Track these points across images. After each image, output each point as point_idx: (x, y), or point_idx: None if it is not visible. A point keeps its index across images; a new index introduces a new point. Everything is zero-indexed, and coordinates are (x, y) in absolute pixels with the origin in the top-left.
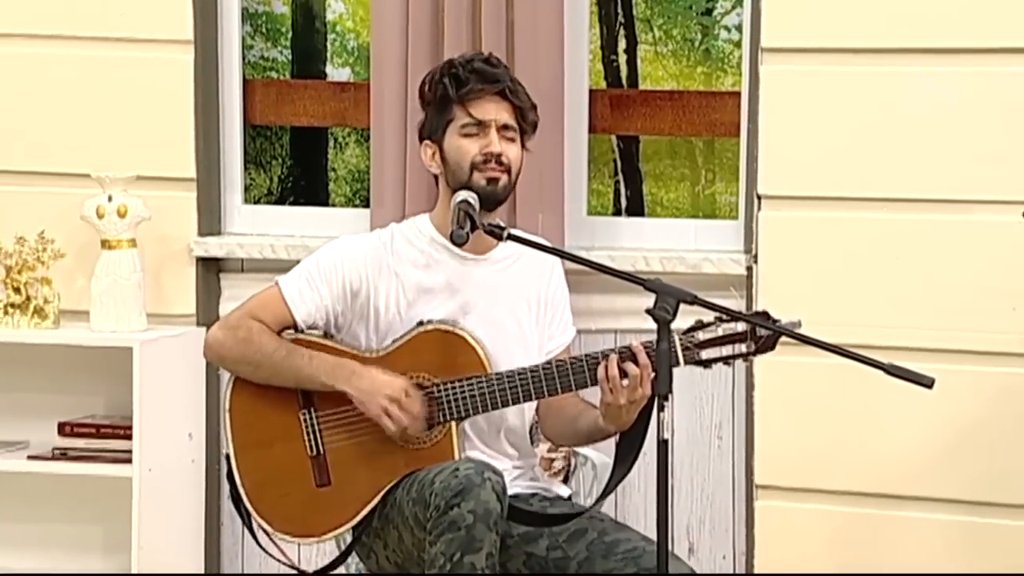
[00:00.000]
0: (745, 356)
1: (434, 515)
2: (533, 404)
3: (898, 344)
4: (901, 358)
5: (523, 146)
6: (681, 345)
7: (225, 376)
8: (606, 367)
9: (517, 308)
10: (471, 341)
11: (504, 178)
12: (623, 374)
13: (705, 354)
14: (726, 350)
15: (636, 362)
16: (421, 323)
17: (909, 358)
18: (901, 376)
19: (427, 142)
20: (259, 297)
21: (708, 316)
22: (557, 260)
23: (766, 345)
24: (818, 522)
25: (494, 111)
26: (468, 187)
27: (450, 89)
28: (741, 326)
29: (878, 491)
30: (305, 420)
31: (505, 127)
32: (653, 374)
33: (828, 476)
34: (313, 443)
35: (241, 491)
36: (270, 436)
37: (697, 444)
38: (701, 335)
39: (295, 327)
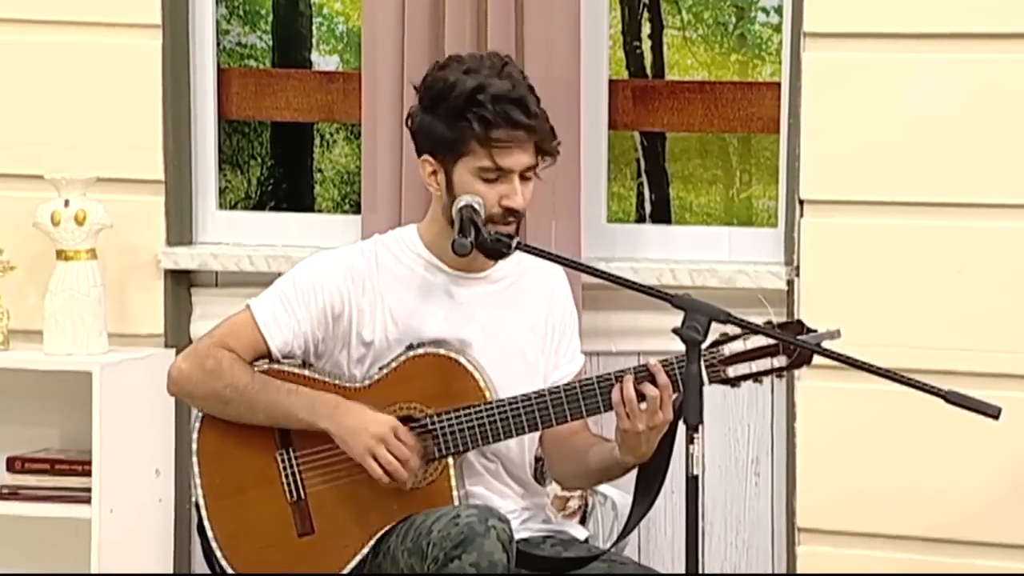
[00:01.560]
0: (778, 372)
1: (432, 568)
2: (536, 436)
3: (960, 368)
4: (963, 385)
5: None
6: (705, 362)
7: (195, 409)
8: (621, 389)
9: (520, 333)
10: (468, 366)
11: (516, 227)
12: (640, 396)
13: (732, 371)
14: (756, 366)
15: (655, 382)
16: (411, 347)
17: (972, 385)
18: (963, 405)
19: (428, 158)
20: (229, 323)
21: (735, 330)
22: (563, 280)
23: (801, 358)
24: (868, 571)
25: (520, 157)
26: (480, 237)
27: (474, 125)
28: (774, 339)
29: (937, 536)
30: (283, 462)
31: (527, 169)
32: (675, 395)
33: (880, 519)
34: (293, 487)
35: (213, 543)
36: (244, 480)
37: (731, 481)
38: (727, 350)
39: (270, 356)
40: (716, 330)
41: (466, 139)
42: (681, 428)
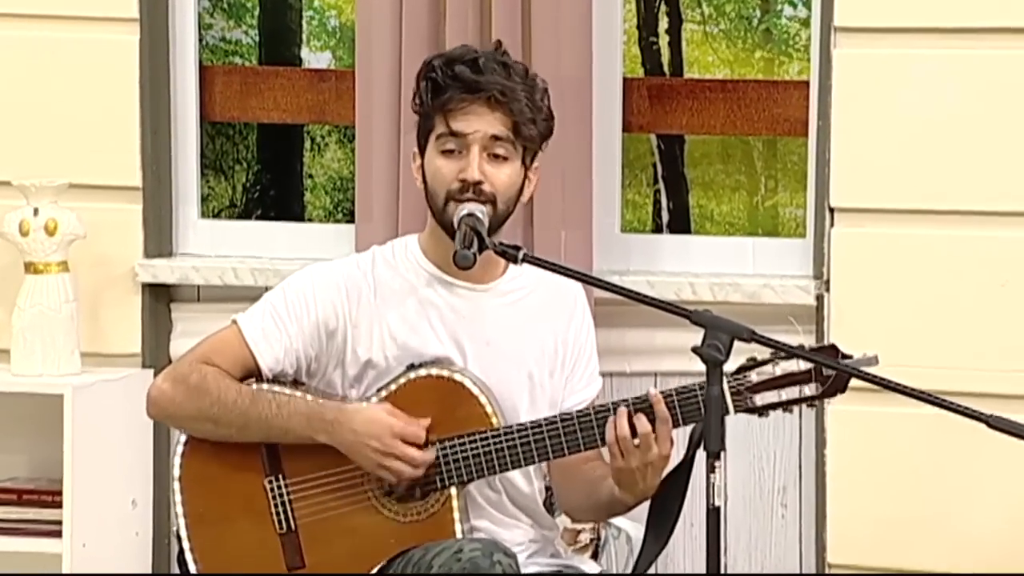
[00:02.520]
0: (810, 401)
1: None
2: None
3: (1004, 391)
4: (1008, 409)
5: (526, 164)
6: (731, 389)
7: (176, 433)
8: (614, 426)
9: (528, 353)
10: (473, 389)
11: (493, 210)
12: (634, 431)
13: (760, 399)
14: (786, 394)
15: (652, 416)
16: (411, 367)
17: (1017, 409)
18: (1007, 431)
19: (415, 151)
20: (214, 339)
21: (765, 353)
22: (582, 294)
23: (835, 387)
24: None
25: (477, 122)
26: (443, 221)
27: (428, 93)
28: (803, 364)
29: (978, 572)
30: (272, 489)
31: (495, 139)
32: (695, 425)
33: (916, 554)
34: (282, 517)
35: None
36: (230, 509)
37: (756, 513)
38: (754, 376)
39: (259, 375)
40: (740, 351)
41: (426, 112)
42: (701, 455)
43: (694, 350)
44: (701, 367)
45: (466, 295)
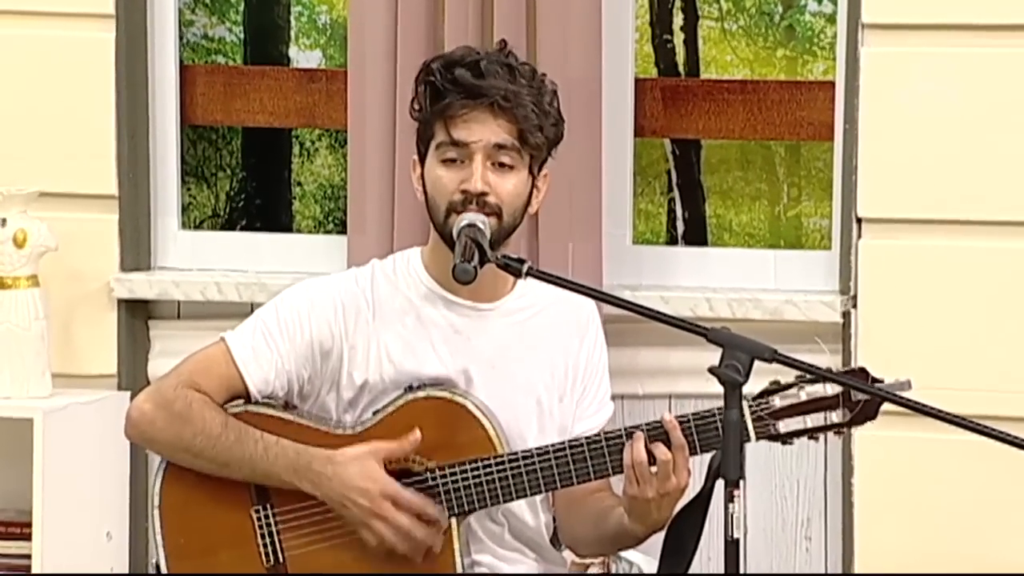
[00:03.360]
0: (837, 428)
1: None
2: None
3: None
4: None
5: (533, 173)
6: (752, 415)
7: (156, 458)
8: (631, 450)
9: (535, 375)
10: (476, 412)
11: (498, 222)
12: (651, 459)
13: (784, 426)
14: (812, 420)
15: (668, 443)
16: (410, 388)
17: None
18: None
19: (415, 159)
20: (200, 357)
21: (788, 376)
22: (595, 313)
23: (864, 414)
24: None
25: (480, 130)
26: (444, 234)
27: (427, 98)
28: (831, 389)
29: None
30: (260, 519)
31: (499, 148)
32: (713, 453)
33: None
34: (270, 549)
35: None
36: (214, 540)
37: (778, 546)
38: (778, 401)
39: (247, 397)
40: (762, 372)
41: (425, 119)
42: (719, 485)
43: (711, 371)
44: (719, 389)
45: (470, 314)
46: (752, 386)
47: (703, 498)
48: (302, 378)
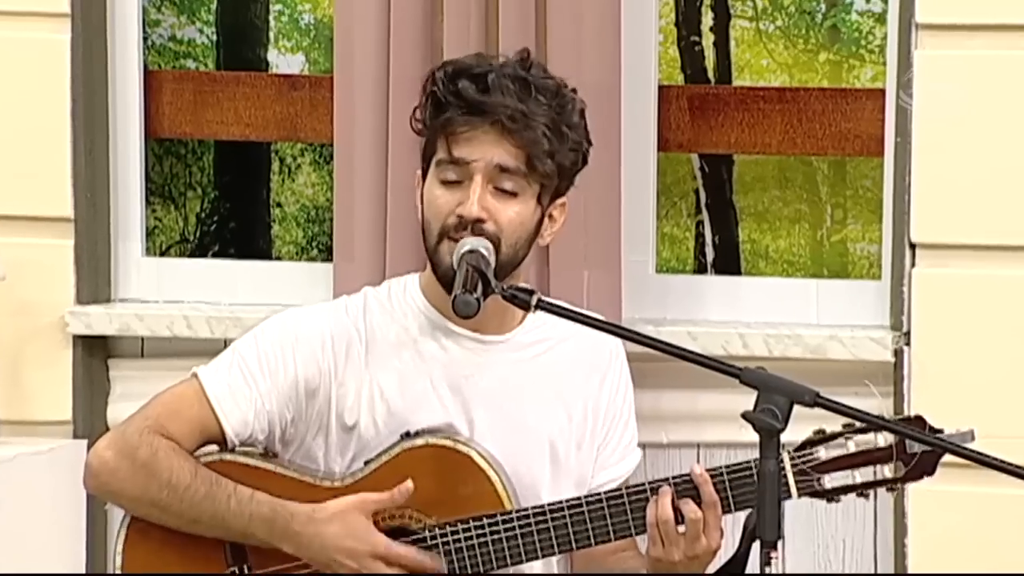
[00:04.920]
0: (890, 484)
1: None
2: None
3: None
4: None
5: (543, 203)
6: (794, 468)
7: (118, 513)
8: (656, 507)
9: (551, 421)
10: (481, 462)
11: (498, 249)
12: (679, 517)
13: (829, 481)
14: (861, 475)
15: (698, 499)
16: (407, 435)
17: None
18: None
19: (419, 174)
20: (168, 398)
21: (835, 423)
22: (620, 349)
23: (921, 468)
24: None
25: (481, 148)
26: (434, 262)
27: (428, 109)
28: (883, 439)
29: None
30: None
31: (501, 170)
32: (750, 513)
33: None
34: None
35: None
36: None
37: None
38: (823, 452)
39: (223, 442)
40: (803, 419)
41: (427, 131)
42: (755, 546)
43: (745, 417)
44: (754, 438)
45: (475, 348)
46: (792, 435)
47: (737, 562)
48: (285, 420)
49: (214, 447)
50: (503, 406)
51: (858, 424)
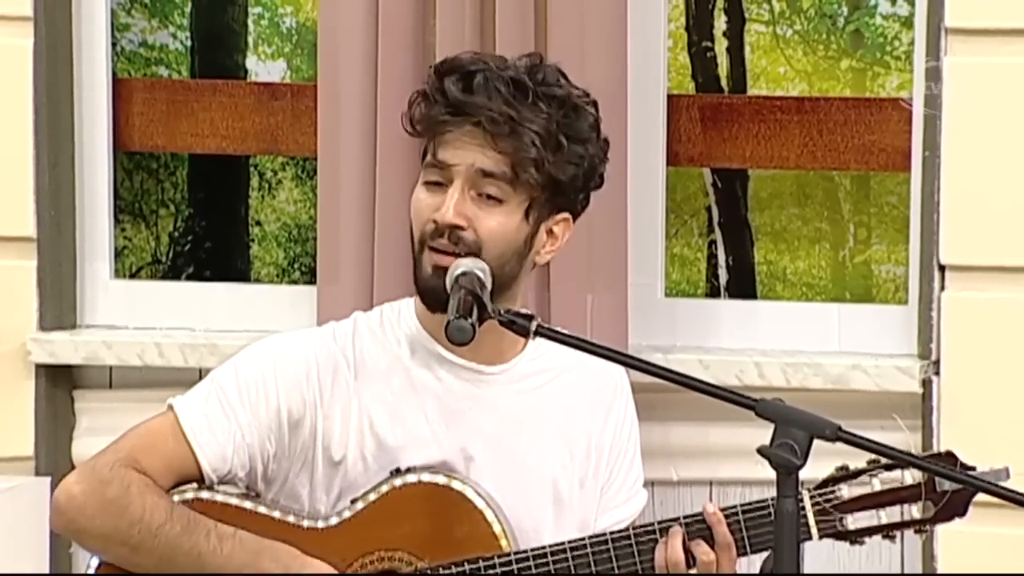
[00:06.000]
0: (919, 526)
1: None
2: None
3: None
4: None
5: (531, 215)
6: (814, 508)
7: (84, 555)
8: (665, 549)
9: (553, 457)
10: (476, 500)
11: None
12: (690, 560)
13: (853, 521)
14: (887, 515)
15: (711, 540)
16: (398, 471)
17: None
18: None
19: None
20: (142, 431)
21: (858, 460)
22: (625, 380)
23: (952, 508)
24: None
25: (464, 151)
26: (416, 273)
27: (418, 106)
28: (910, 476)
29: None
30: None
31: (484, 175)
32: (767, 556)
33: None
34: None
35: None
36: None
37: None
38: (845, 490)
39: (200, 479)
40: (824, 454)
41: (419, 128)
42: None
43: (761, 452)
44: (770, 475)
45: (473, 379)
46: (812, 472)
47: None
48: (266, 455)
49: (193, 485)
50: (502, 442)
51: (883, 460)
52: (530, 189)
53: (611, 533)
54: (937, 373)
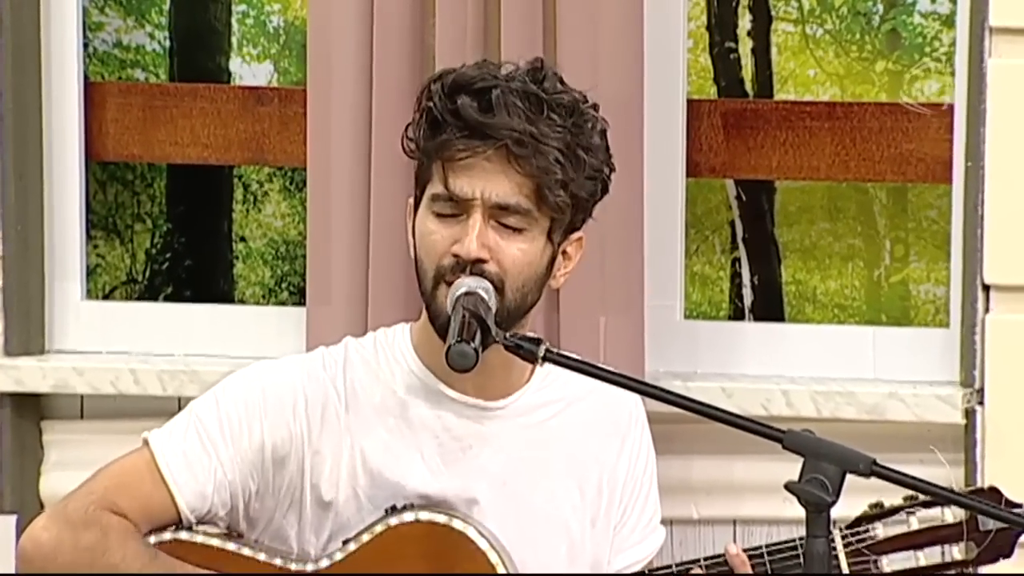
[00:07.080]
0: (960, 567)
1: None
2: None
3: None
4: None
5: (554, 240)
6: (847, 548)
7: None
8: None
9: (561, 494)
10: (479, 541)
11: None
12: None
13: (888, 563)
14: (926, 556)
15: None
16: (394, 509)
17: None
18: None
19: (410, 201)
20: (116, 469)
21: (895, 496)
22: (639, 410)
23: (996, 548)
24: None
25: (483, 183)
26: (430, 309)
27: (422, 128)
28: (952, 515)
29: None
30: None
31: (502, 209)
32: None
33: None
34: None
35: None
36: None
37: None
38: (880, 530)
39: (179, 521)
40: (858, 491)
41: (421, 154)
42: None
43: (789, 488)
44: (799, 513)
45: (473, 415)
46: (845, 509)
47: None
48: (249, 493)
49: (169, 527)
50: (508, 483)
51: (922, 497)
52: (552, 212)
53: None
54: (981, 402)
